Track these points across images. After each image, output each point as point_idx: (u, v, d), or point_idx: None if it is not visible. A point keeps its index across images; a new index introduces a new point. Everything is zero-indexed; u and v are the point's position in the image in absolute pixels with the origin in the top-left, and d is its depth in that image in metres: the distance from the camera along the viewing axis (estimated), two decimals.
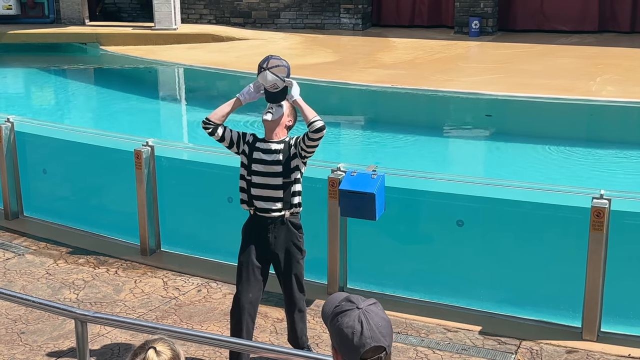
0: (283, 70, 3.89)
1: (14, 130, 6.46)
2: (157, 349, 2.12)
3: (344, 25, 15.78)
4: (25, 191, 6.61)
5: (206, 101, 10.78)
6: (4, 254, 5.87)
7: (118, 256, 5.79)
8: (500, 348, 4.43)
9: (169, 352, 2.14)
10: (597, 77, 10.64)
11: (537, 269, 4.74)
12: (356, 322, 1.89)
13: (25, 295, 4.61)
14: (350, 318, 1.90)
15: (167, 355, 2.13)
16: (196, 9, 16.40)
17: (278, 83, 3.89)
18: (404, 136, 8.95)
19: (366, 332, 1.88)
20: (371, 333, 1.89)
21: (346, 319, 1.91)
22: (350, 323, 1.90)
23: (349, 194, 4.74)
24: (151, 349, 2.12)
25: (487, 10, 14.88)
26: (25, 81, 13.28)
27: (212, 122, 4.01)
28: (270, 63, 3.88)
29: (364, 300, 1.96)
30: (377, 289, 5.11)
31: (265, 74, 3.87)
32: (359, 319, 1.90)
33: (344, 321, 1.91)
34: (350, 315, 1.91)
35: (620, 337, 4.52)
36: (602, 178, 7.18)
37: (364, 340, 1.88)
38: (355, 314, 1.91)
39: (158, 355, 2.11)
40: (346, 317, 1.91)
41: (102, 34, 14.59)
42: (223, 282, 5.27)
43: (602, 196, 4.44)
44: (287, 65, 3.93)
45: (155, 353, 2.11)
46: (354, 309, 1.92)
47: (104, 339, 4.56)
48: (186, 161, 5.97)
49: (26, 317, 4.85)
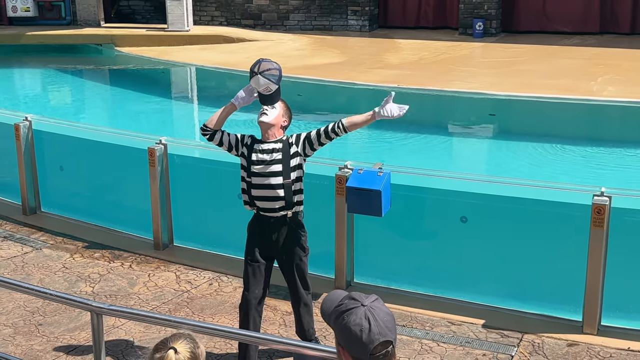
0: (275, 72, 3.92)
1: (31, 129, 6.55)
2: (177, 350, 2.11)
3: (351, 27, 15.87)
4: (42, 187, 6.71)
5: (217, 100, 10.85)
6: (22, 248, 5.97)
7: (132, 250, 5.87)
8: (503, 341, 4.48)
9: (188, 354, 2.13)
10: (598, 78, 10.68)
11: (539, 264, 4.78)
12: (363, 320, 1.90)
13: (42, 288, 4.68)
14: (357, 316, 1.90)
15: (185, 357, 2.12)
16: (208, 11, 16.54)
17: (270, 86, 3.92)
18: (409, 135, 9.02)
19: (374, 329, 1.89)
20: (379, 329, 1.90)
21: (353, 317, 1.91)
22: (357, 321, 1.90)
23: (355, 191, 4.78)
24: (171, 350, 2.11)
25: (491, 12, 14.95)
26: (43, 81, 13.41)
27: (210, 128, 4.06)
28: (261, 67, 3.91)
29: (367, 297, 1.96)
30: (383, 284, 5.17)
31: (258, 78, 3.90)
32: (366, 316, 1.90)
33: (351, 319, 1.91)
34: (357, 313, 1.91)
35: (620, 330, 4.56)
36: (602, 176, 7.20)
37: (372, 336, 1.89)
38: (361, 311, 1.91)
39: (176, 354, 2.11)
40: (352, 315, 1.91)
41: (116, 35, 14.75)
42: (234, 276, 5.33)
43: (603, 193, 4.48)
44: (278, 68, 3.96)
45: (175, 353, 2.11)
46: (359, 307, 1.92)
47: (118, 331, 4.64)
48: (198, 159, 6.03)
49: (44, 309, 4.93)
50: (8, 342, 4.58)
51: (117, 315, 3.53)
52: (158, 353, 2.13)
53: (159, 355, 2.13)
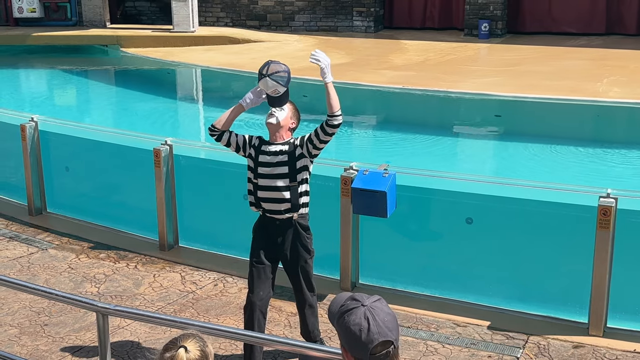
0: (283, 75, 3.92)
1: (37, 129, 6.57)
2: (187, 348, 2.11)
3: (356, 28, 15.88)
4: (48, 188, 6.73)
5: (223, 101, 10.90)
6: (28, 249, 6.00)
7: (137, 251, 5.88)
8: (508, 343, 4.47)
9: (198, 353, 2.13)
10: (604, 79, 10.66)
11: (544, 266, 4.78)
12: (363, 319, 1.91)
13: (48, 288, 4.65)
14: (357, 316, 1.92)
15: (195, 356, 2.12)
16: (213, 12, 16.57)
17: (279, 88, 3.92)
18: (414, 136, 9.02)
19: (373, 328, 1.90)
20: (378, 329, 1.90)
21: (352, 316, 1.92)
22: (357, 320, 1.91)
23: (361, 192, 4.79)
24: (182, 349, 2.12)
25: (497, 13, 14.93)
26: (49, 82, 13.47)
27: (218, 129, 4.07)
28: (270, 69, 3.91)
29: (369, 298, 1.97)
30: (388, 285, 5.17)
31: (266, 81, 3.90)
32: (365, 316, 1.91)
33: (351, 319, 1.92)
34: (357, 313, 1.92)
35: (626, 332, 4.55)
36: (608, 177, 7.19)
37: (371, 336, 1.90)
38: (361, 311, 1.92)
39: (186, 353, 2.11)
40: (352, 315, 1.93)
41: (122, 36, 14.80)
42: (239, 277, 5.34)
43: (609, 195, 4.47)
44: (287, 70, 3.95)
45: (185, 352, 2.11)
46: (359, 307, 1.94)
47: (124, 331, 4.65)
48: (203, 159, 6.04)
49: (49, 309, 4.94)
50: (14, 342, 4.60)
51: (122, 315, 3.54)
52: (168, 352, 2.14)
53: (169, 355, 2.13)
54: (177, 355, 2.12)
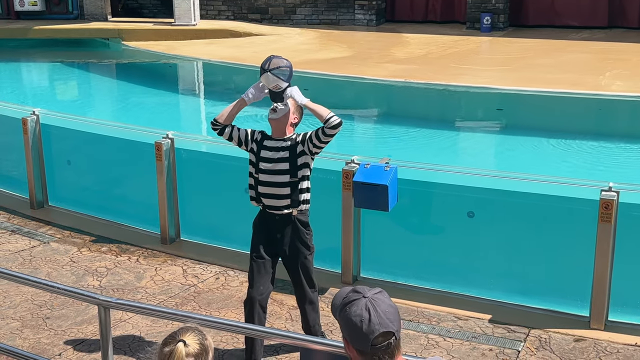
0: (285, 70, 3.91)
1: (39, 123, 6.57)
2: (186, 342, 2.11)
3: (358, 21, 15.84)
4: (50, 181, 6.74)
5: (224, 95, 10.91)
6: (29, 242, 6.01)
7: (139, 245, 5.89)
8: (510, 336, 4.48)
9: (197, 346, 2.13)
10: (606, 72, 10.64)
11: (546, 259, 4.78)
12: (364, 311, 1.92)
13: (50, 281, 4.65)
14: (358, 307, 1.93)
15: (194, 349, 2.12)
16: (215, 5, 16.55)
17: (280, 84, 3.91)
18: (416, 129, 9.03)
19: (374, 319, 1.91)
20: (379, 320, 1.92)
21: (354, 308, 1.94)
22: (358, 312, 1.93)
23: (362, 185, 4.79)
24: (181, 343, 2.11)
25: (499, 6, 14.90)
26: (50, 75, 13.47)
27: (220, 123, 4.06)
28: (272, 64, 3.89)
29: (370, 290, 1.99)
30: (390, 278, 5.17)
31: (267, 76, 3.88)
32: (366, 307, 1.93)
33: (352, 311, 1.94)
34: (358, 304, 1.94)
35: (627, 326, 4.56)
36: (610, 171, 7.18)
37: (372, 327, 1.91)
38: (362, 302, 1.94)
39: (185, 347, 2.10)
40: (354, 306, 1.94)
41: (123, 29, 14.79)
42: (240, 271, 5.35)
43: (611, 188, 4.47)
44: (289, 65, 3.94)
45: (184, 346, 2.11)
46: (361, 298, 1.95)
47: (125, 325, 4.67)
48: (205, 153, 6.04)
49: (51, 302, 4.96)
50: (16, 335, 4.61)
51: (124, 309, 3.55)
52: (167, 347, 2.13)
53: (169, 349, 2.13)
54: (175, 350, 2.11)
